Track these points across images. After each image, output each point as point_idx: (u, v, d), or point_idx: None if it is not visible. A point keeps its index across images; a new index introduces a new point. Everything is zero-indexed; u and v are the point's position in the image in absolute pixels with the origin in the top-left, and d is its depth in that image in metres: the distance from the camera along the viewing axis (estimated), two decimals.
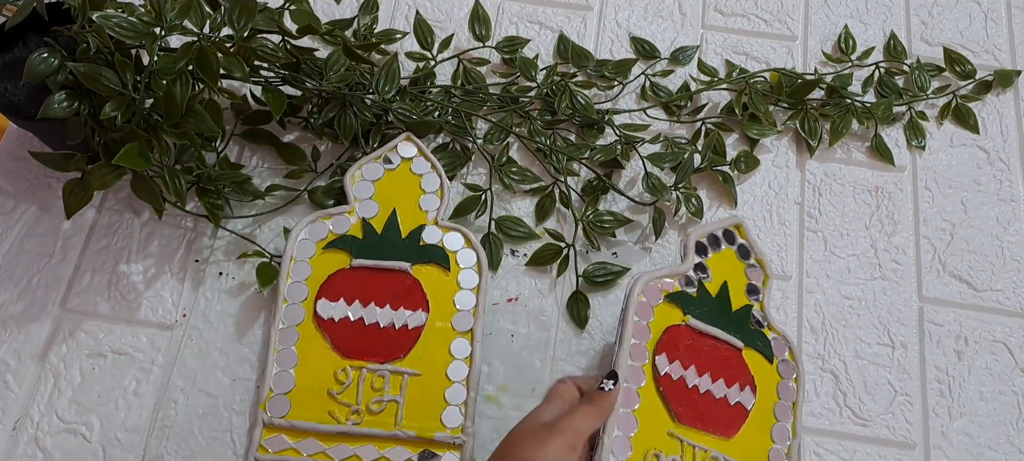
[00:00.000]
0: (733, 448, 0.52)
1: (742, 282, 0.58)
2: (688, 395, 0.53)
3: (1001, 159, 0.69)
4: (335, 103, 0.64)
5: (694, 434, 0.52)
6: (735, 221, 0.59)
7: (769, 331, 0.57)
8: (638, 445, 0.50)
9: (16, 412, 0.58)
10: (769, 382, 0.55)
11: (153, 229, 0.65)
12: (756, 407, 0.54)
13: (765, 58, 0.74)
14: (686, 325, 0.54)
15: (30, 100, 0.59)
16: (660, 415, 0.51)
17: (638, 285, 0.54)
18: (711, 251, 0.57)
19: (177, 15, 0.53)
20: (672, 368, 0.53)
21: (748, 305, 0.57)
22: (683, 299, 0.55)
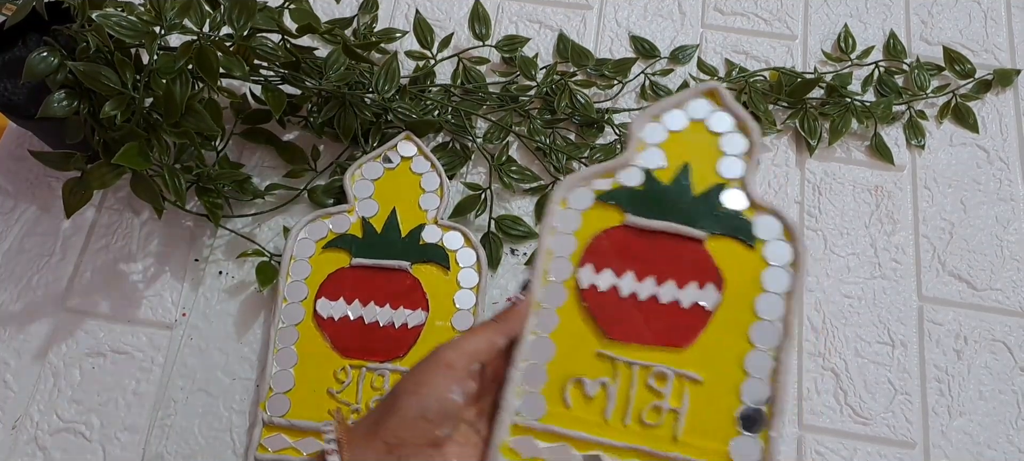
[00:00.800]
0: (688, 359, 0.43)
1: (713, 158, 0.46)
2: (621, 307, 0.43)
3: (1001, 158, 0.69)
4: (335, 102, 0.64)
5: (632, 350, 0.43)
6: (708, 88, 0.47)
7: (752, 211, 0.45)
8: (555, 372, 0.42)
9: (16, 411, 0.58)
10: (748, 273, 0.44)
11: (153, 228, 0.65)
12: (725, 305, 0.43)
13: (765, 57, 0.74)
14: (623, 226, 0.45)
15: (30, 99, 0.59)
16: (586, 335, 0.43)
17: (559, 191, 0.45)
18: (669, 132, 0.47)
19: (177, 14, 0.53)
20: (599, 278, 0.44)
21: (719, 184, 0.45)
22: (623, 196, 0.45)
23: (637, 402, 0.42)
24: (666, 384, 0.42)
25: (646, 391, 0.42)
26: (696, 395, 0.42)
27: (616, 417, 0.42)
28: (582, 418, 0.42)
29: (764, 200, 0.45)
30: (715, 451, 0.41)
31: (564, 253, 0.44)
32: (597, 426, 0.42)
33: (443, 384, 0.39)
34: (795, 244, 0.44)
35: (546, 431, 0.41)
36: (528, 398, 0.42)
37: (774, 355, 0.42)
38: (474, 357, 0.40)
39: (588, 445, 0.41)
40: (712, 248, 0.44)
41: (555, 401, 0.42)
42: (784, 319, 0.43)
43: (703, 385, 0.42)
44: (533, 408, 0.42)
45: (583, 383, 0.42)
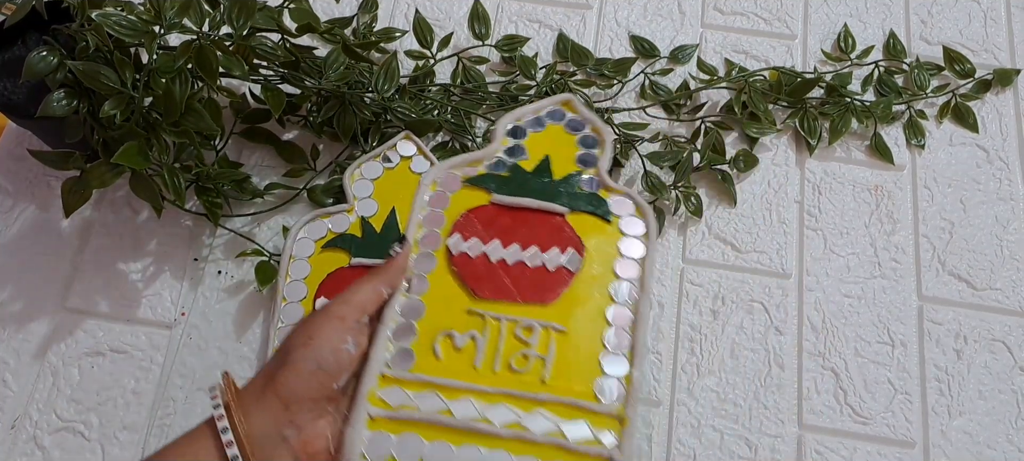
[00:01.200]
0: (553, 313, 0.45)
1: (570, 153, 0.51)
2: (490, 270, 0.46)
3: (1000, 158, 0.69)
4: (334, 102, 0.64)
5: (499, 307, 0.45)
6: (563, 99, 0.53)
7: (607, 193, 0.50)
8: (425, 328, 0.44)
9: (15, 411, 0.58)
10: (607, 242, 0.48)
11: (152, 228, 0.65)
12: (586, 267, 0.47)
13: (765, 57, 0.74)
14: (491, 204, 0.48)
15: (29, 98, 0.59)
16: (456, 296, 0.46)
17: (429, 174, 0.48)
18: (530, 132, 0.51)
19: (176, 13, 0.53)
20: (469, 246, 0.47)
21: (576, 172, 0.50)
22: (489, 180, 0.49)
23: (505, 351, 0.44)
24: (533, 334, 0.44)
25: (514, 341, 0.44)
26: (562, 343, 0.44)
27: (486, 365, 0.43)
28: (452, 367, 0.43)
29: (614, 185, 0.50)
30: (581, 391, 0.43)
31: (434, 228, 0.47)
32: (467, 373, 0.43)
33: (336, 335, 0.39)
34: (646, 219, 0.49)
35: (416, 380, 0.42)
36: (398, 352, 0.43)
37: (632, 308, 0.46)
38: (362, 308, 0.41)
39: (458, 391, 0.42)
40: (573, 221, 0.48)
41: (425, 354, 0.43)
42: (640, 279, 0.47)
43: (568, 334, 0.45)
44: (403, 361, 0.43)
45: (453, 336, 0.44)
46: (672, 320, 0.62)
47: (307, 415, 0.39)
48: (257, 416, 0.38)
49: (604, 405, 0.42)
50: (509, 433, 0.41)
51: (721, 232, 0.65)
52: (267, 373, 0.39)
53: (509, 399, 0.42)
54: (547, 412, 0.42)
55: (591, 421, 0.42)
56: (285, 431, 0.38)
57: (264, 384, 0.39)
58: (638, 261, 0.48)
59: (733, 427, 0.59)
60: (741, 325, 0.62)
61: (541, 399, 0.42)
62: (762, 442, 0.58)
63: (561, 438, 0.41)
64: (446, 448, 0.41)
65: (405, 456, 0.40)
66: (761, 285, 0.63)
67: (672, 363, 0.61)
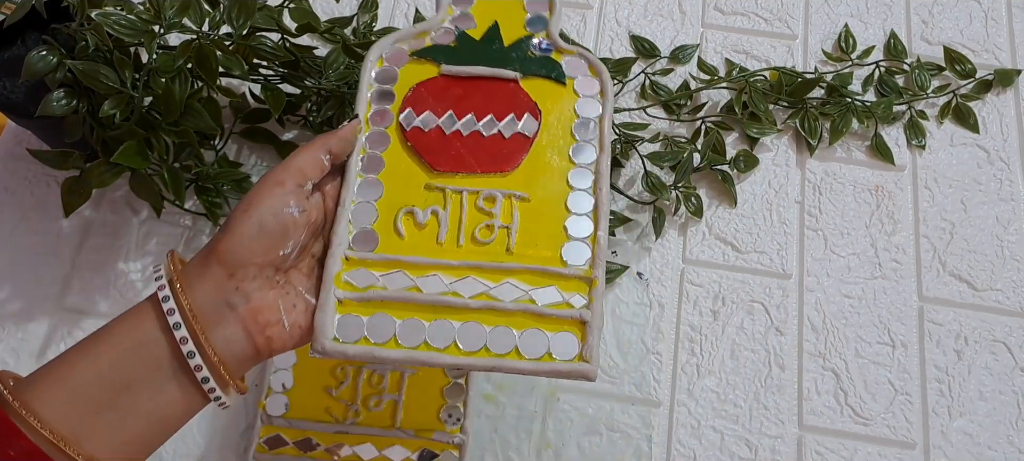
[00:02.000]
0: (514, 181, 0.45)
1: (520, 17, 0.50)
2: (446, 142, 0.46)
3: (1001, 158, 0.69)
4: (334, 101, 0.64)
5: (459, 179, 0.45)
6: None
7: (559, 54, 0.49)
8: (385, 207, 0.44)
9: None
10: (562, 104, 0.47)
11: (151, 227, 0.64)
12: (543, 131, 0.46)
13: (765, 57, 0.74)
14: (440, 75, 0.47)
15: (29, 98, 0.59)
16: (413, 172, 0.45)
17: (373, 51, 0.47)
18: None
19: (176, 13, 0.53)
20: (421, 120, 0.46)
21: (527, 36, 0.49)
22: (437, 52, 0.48)
23: (469, 223, 0.44)
24: (495, 204, 0.44)
25: (477, 212, 0.44)
26: (525, 211, 0.44)
27: (450, 239, 0.43)
28: (416, 244, 0.43)
29: (568, 45, 0.49)
30: (548, 257, 0.43)
31: (384, 105, 0.46)
32: (431, 249, 0.43)
33: (275, 199, 0.39)
34: (601, 77, 0.48)
35: (381, 260, 0.42)
36: (360, 233, 0.43)
37: (593, 169, 0.45)
38: (302, 172, 0.40)
39: (424, 268, 0.42)
40: (526, 86, 0.47)
41: (387, 233, 0.43)
42: (598, 139, 0.46)
43: (531, 202, 0.44)
44: (365, 241, 0.43)
45: (414, 213, 0.44)
46: (672, 320, 0.62)
47: (253, 283, 0.38)
48: (201, 286, 0.37)
49: (571, 268, 0.42)
50: (479, 304, 0.41)
51: (721, 232, 0.65)
52: (210, 244, 0.38)
53: (476, 271, 0.42)
54: (515, 280, 0.42)
55: (560, 285, 0.42)
56: (231, 298, 0.37)
57: (207, 254, 0.38)
58: (595, 120, 0.47)
59: (733, 428, 0.58)
60: (741, 325, 0.62)
61: (508, 268, 0.42)
62: (762, 443, 0.58)
63: (531, 304, 0.41)
64: (418, 324, 0.41)
65: (378, 336, 0.40)
66: (761, 285, 0.63)
67: (672, 363, 0.60)
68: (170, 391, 0.36)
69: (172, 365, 0.36)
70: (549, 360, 0.40)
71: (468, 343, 0.40)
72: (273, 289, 0.39)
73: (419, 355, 0.40)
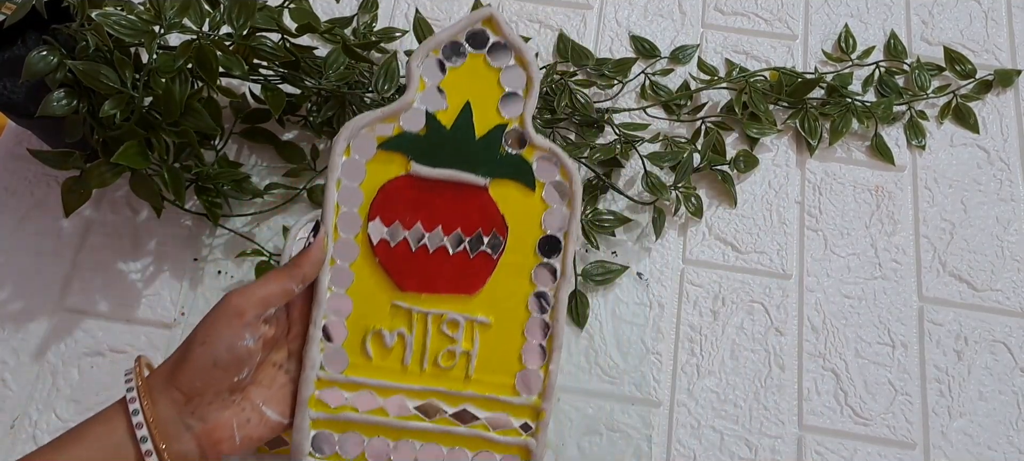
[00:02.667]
0: (477, 305, 0.46)
1: (494, 96, 0.46)
2: (413, 259, 0.45)
3: (1001, 159, 0.69)
4: (334, 101, 0.64)
5: (425, 300, 0.45)
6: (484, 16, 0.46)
7: (532, 151, 0.46)
8: (354, 326, 0.45)
9: (14, 411, 0.58)
10: (529, 216, 0.46)
11: (151, 227, 0.64)
12: (509, 250, 0.46)
13: (765, 57, 0.74)
14: (408, 176, 0.46)
15: (29, 98, 0.59)
16: (381, 287, 0.45)
17: (341, 139, 0.45)
18: (449, 65, 0.46)
19: (176, 13, 0.53)
20: (389, 232, 0.45)
21: (501, 124, 0.46)
22: (405, 143, 0.45)
23: (432, 348, 0.46)
24: (458, 330, 0.46)
25: (440, 337, 0.46)
26: (485, 337, 0.46)
27: (414, 363, 0.46)
28: (383, 367, 0.46)
29: (540, 140, 0.46)
30: (502, 384, 0.46)
31: (352, 207, 0.46)
32: (397, 373, 0.46)
33: (232, 333, 0.40)
34: (572, 184, 0.46)
35: (350, 382, 0.45)
36: (330, 353, 0.45)
37: (553, 293, 0.46)
38: (265, 303, 0.41)
39: (390, 391, 0.45)
40: (495, 193, 0.46)
41: (356, 353, 0.46)
42: (561, 259, 0.46)
43: (491, 327, 0.46)
44: (336, 362, 0.45)
45: (382, 335, 0.46)
46: (672, 321, 0.62)
47: (209, 407, 0.40)
48: (162, 402, 0.39)
49: (522, 398, 0.46)
50: (438, 428, 0.45)
51: (721, 232, 0.65)
52: (172, 363, 0.41)
53: (437, 395, 0.46)
54: (472, 407, 0.46)
55: (511, 412, 0.46)
56: (188, 421, 0.40)
57: (168, 374, 0.40)
58: (560, 235, 0.46)
59: (733, 428, 0.58)
60: (741, 326, 0.62)
61: (466, 395, 0.46)
62: (762, 443, 0.58)
63: (484, 430, 0.45)
64: (384, 443, 0.45)
65: (349, 453, 0.45)
66: (761, 286, 0.63)
67: (672, 364, 0.60)
68: None
69: None
70: None
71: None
72: (228, 409, 0.41)
73: None
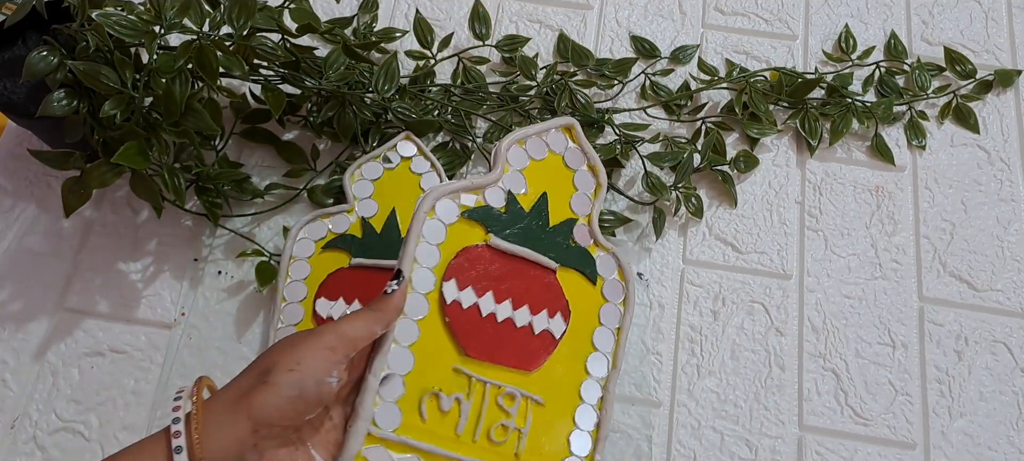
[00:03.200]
0: (534, 382, 0.46)
1: (567, 193, 0.50)
2: (481, 326, 0.46)
3: (1001, 159, 0.69)
4: (334, 102, 0.64)
5: (486, 369, 0.45)
6: (566, 123, 0.51)
7: (595, 248, 0.50)
8: (413, 384, 0.44)
9: (15, 411, 0.58)
10: (589, 306, 0.49)
11: (152, 228, 0.64)
12: (569, 335, 0.48)
13: (765, 57, 0.74)
14: (486, 245, 0.47)
15: (29, 98, 0.59)
16: (445, 349, 0.45)
17: (427, 201, 0.46)
18: (531, 159, 0.50)
19: (176, 13, 0.53)
20: (463, 296, 0.46)
21: (572, 219, 0.50)
22: (487, 216, 0.47)
23: (487, 419, 0.45)
24: (514, 404, 0.46)
25: (496, 410, 0.46)
26: (538, 416, 0.46)
27: (467, 433, 0.45)
28: (435, 432, 0.44)
29: (604, 239, 0.52)
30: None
31: (429, 264, 0.46)
32: (449, 440, 0.44)
33: (324, 367, 0.37)
34: (627, 284, 0.51)
35: (400, 443, 0.43)
36: (384, 408, 0.43)
37: (603, 385, 0.48)
38: (354, 344, 0.39)
39: (438, 458, 0.44)
40: (562, 279, 0.49)
41: (411, 412, 0.44)
42: (613, 354, 0.49)
43: (544, 407, 0.47)
44: (389, 419, 0.43)
45: (439, 397, 0.44)
46: (672, 321, 0.62)
47: (272, 442, 0.37)
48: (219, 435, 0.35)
49: None
50: None
51: (722, 233, 0.65)
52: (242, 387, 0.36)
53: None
54: None
55: None
56: (247, 455, 0.36)
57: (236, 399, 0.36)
58: (614, 332, 0.50)
59: (733, 428, 0.58)
60: (742, 326, 0.62)
61: None
62: (763, 443, 0.58)
63: None
64: None
65: None
66: (762, 286, 0.63)
67: (672, 364, 0.60)
68: None
69: None
70: None
71: None
72: (286, 447, 0.38)
73: None
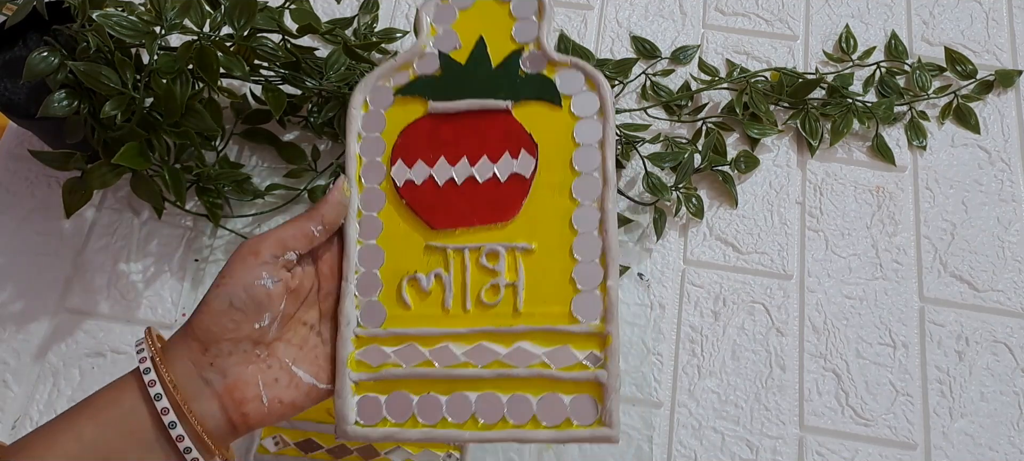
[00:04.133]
0: (517, 231, 0.42)
1: (507, 27, 0.45)
2: (441, 195, 0.43)
3: (1002, 159, 0.69)
4: (335, 102, 0.64)
5: (459, 236, 0.42)
6: None
7: (553, 69, 0.44)
8: (388, 275, 0.42)
9: (15, 411, 0.58)
10: (559, 131, 0.43)
11: (152, 228, 0.65)
12: (542, 169, 0.43)
13: (766, 57, 0.74)
14: (427, 115, 0.44)
15: (30, 98, 0.59)
16: (412, 230, 0.43)
17: (357, 95, 0.44)
18: (458, 10, 0.46)
19: (177, 14, 0.53)
20: (414, 173, 0.43)
21: (516, 50, 0.45)
22: (422, 86, 0.45)
23: (474, 285, 0.42)
24: (499, 261, 0.42)
25: (480, 272, 0.42)
26: (530, 264, 0.42)
27: (456, 305, 0.41)
28: (423, 314, 0.41)
29: (560, 56, 0.44)
30: (558, 314, 0.41)
31: (375, 157, 0.44)
32: (439, 318, 0.41)
33: (248, 272, 0.38)
34: (599, 92, 0.44)
35: (390, 336, 0.41)
36: (366, 307, 0.41)
37: (598, 206, 0.42)
38: (281, 243, 0.39)
39: (434, 339, 0.41)
40: (520, 115, 0.44)
41: (393, 304, 0.42)
42: (601, 168, 0.42)
43: (535, 252, 0.42)
44: (373, 316, 0.41)
45: (418, 279, 0.42)
46: (673, 322, 0.62)
47: (229, 358, 0.38)
48: (179, 360, 0.37)
49: (583, 324, 0.41)
50: (493, 372, 0.40)
51: (722, 233, 0.65)
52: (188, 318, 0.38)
53: (487, 336, 0.41)
54: (527, 343, 0.40)
55: (573, 344, 0.40)
56: (206, 374, 0.37)
57: (185, 328, 0.38)
58: (597, 146, 0.43)
59: (734, 429, 0.58)
60: (742, 326, 0.62)
61: (518, 331, 0.41)
62: (763, 444, 0.58)
63: (545, 368, 0.40)
64: (435, 400, 0.40)
65: (397, 416, 0.39)
66: (762, 286, 0.63)
67: (673, 365, 0.60)
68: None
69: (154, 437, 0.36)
70: (569, 427, 0.39)
71: (487, 415, 0.39)
72: (252, 364, 0.38)
73: (439, 432, 0.39)
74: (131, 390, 0.36)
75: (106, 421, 0.36)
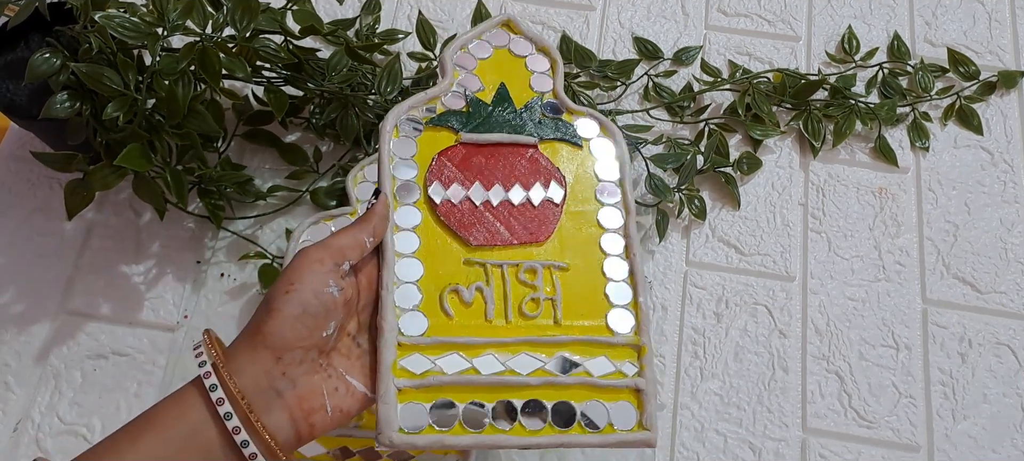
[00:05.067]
0: (551, 251, 0.45)
1: (524, 78, 0.50)
2: (478, 214, 0.45)
3: (1005, 160, 0.69)
4: (337, 104, 0.64)
5: (497, 252, 0.45)
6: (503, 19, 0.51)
7: (570, 115, 0.49)
8: (429, 288, 0.43)
9: (17, 414, 0.58)
10: (583, 167, 0.48)
11: (154, 230, 0.64)
12: (571, 198, 0.47)
13: (768, 58, 0.74)
14: (460, 143, 0.47)
15: (32, 100, 0.59)
16: (449, 248, 0.45)
17: (388, 121, 0.46)
18: (478, 60, 0.50)
19: (179, 15, 0.53)
20: (450, 193, 0.45)
21: (536, 97, 0.49)
22: (451, 118, 0.47)
23: (515, 297, 0.44)
24: (536, 276, 0.44)
25: (521, 286, 0.44)
26: (566, 281, 0.45)
27: (498, 315, 0.43)
28: (466, 324, 0.43)
29: (576, 106, 0.49)
30: (595, 327, 0.44)
31: (408, 177, 0.46)
32: (482, 328, 0.43)
33: (316, 279, 0.38)
34: (614, 139, 0.49)
35: (434, 344, 0.42)
36: (407, 317, 0.42)
37: (623, 234, 0.46)
38: (341, 253, 0.39)
39: (477, 347, 0.42)
40: (545, 151, 0.48)
41: (435, 314, 0.43)
42: (622, 202, 0.47)
43: (569, 271, 0.45)
44: (415, 325, 0.42)
45: (459, 291, 0.43)
46: (675, 323, 0.62)
47: (299, 367, 0.37)
48: (248, 371, 0.36)
49: (619, 336, 0.43)
50: (537, 380, 0.41)
51: (725, 235, 0.65)
52: (253, 326, 0.38)
53: (529, 346, 0.42)
54: (568, 353, 0.43)
55: (610, 354, 0.43)
56: (278, 384, 0.37)
57: (251, 336, 0.37)
58: (617, 184, 0.47)
59: (737, 430, 0.58)
60: (745, 328, 0.62)
61: (559, 341, 0.43)
62: (766, 446, 0.58)
63: (587, 376, 0.42)
64: (479, 407, 0.41)
65: (442, 423, 0.40)
66: (765, 288, 0.63)
67: (675, 366, 0.60)
68: None
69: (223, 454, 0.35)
70: (611, 431, 0.41)
71: (532, 422, 0.40)
72: (317, 373, 0.38)
73: (485, 438, 0.40)
74: (196, 405, 0.35)
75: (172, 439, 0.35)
